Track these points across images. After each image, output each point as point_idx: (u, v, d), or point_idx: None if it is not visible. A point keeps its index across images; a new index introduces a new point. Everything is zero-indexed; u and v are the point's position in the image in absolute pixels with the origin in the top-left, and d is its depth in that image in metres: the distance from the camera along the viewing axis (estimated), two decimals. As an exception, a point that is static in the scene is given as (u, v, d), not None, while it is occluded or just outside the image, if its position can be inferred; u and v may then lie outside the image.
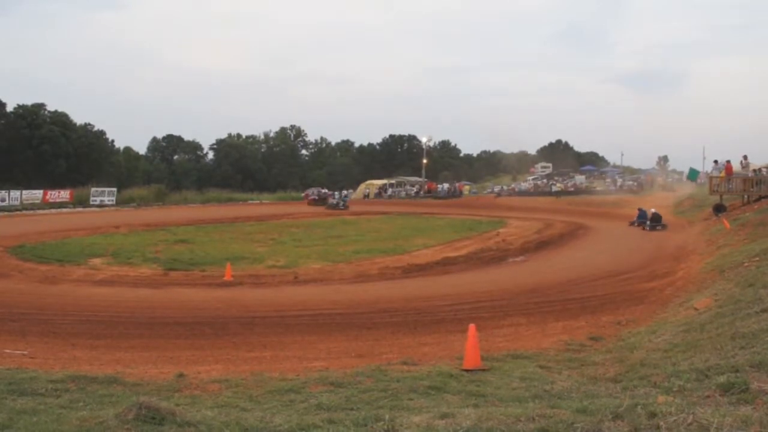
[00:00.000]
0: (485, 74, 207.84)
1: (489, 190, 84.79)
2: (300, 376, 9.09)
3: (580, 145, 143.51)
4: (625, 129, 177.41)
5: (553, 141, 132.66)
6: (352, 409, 7.03)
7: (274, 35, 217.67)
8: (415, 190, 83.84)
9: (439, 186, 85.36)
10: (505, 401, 7.44)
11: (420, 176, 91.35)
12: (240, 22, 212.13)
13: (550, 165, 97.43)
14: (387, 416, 6.47)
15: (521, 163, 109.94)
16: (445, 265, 25.79)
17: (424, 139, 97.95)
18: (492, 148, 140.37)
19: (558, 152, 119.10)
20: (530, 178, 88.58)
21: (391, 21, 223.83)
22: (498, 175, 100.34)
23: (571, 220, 42.11)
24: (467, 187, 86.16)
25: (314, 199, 69.58)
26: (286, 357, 11.46)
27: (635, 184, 69.60)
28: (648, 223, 38.75)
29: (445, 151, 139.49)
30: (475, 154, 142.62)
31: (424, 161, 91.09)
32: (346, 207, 58.82)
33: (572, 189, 71.24)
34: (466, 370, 9.30)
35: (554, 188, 72.06)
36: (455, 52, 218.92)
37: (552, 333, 13.22)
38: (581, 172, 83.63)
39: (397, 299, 18.65)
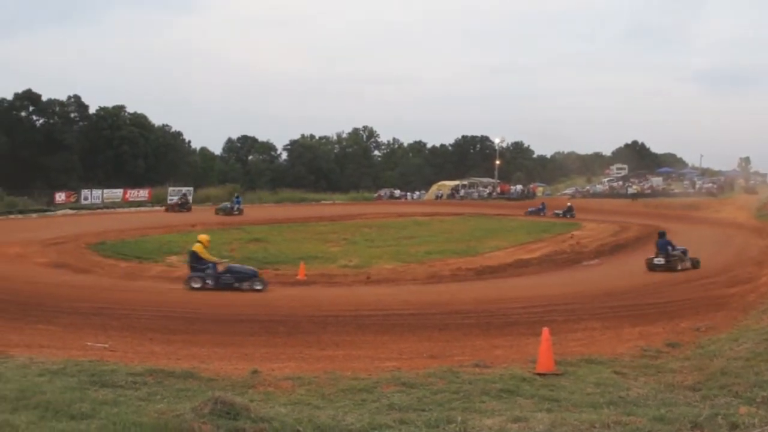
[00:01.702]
0: (557, 74, 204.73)
1: (563, 192, 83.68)
2: (372, 375, 9.11)
3: (658, 147, 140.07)
4: (704, 129, 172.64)
5: (629, 142, 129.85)
6: (423, 410, 7.02)
7: (347, 36, 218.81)
8: (487, 191, 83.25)
9: (512, 187, 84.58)
10: (579, 407, 7.33)
11: (493, 177, 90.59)
12: (310, 23, 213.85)
13: (625, 166, 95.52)
14: (459, 418, 6.46)
15: (596, 164, 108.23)
16: (518, 267, 25.60)
17: (496, 140, 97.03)
18: (560, 149, 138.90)
19: (634, 153, 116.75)
20: (605, 179, 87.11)
21: (462, 20, 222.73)
22: (572, 176, 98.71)
23: (648, 223, 41.18)
24: (540, 189, 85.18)
25: (177, 204, 57.37)
26: (359, 356, 11.50)
27: (715, 186, 67.73)
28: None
29: (518, 152, 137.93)
30: (548, 155, 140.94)
31: (497, 162, 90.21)
32: (240, 212, 51.33)
33: (649, 191, 69.71)
34: (539, 374, 9.18)
35: (630, 190, 70.66)
36: (527, 51, 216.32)
37: (628, 338, 12.95)
38: (658, 174, 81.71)
39: (469, 301, 18.58)
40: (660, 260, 24.82)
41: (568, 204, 55.11)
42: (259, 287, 20.69)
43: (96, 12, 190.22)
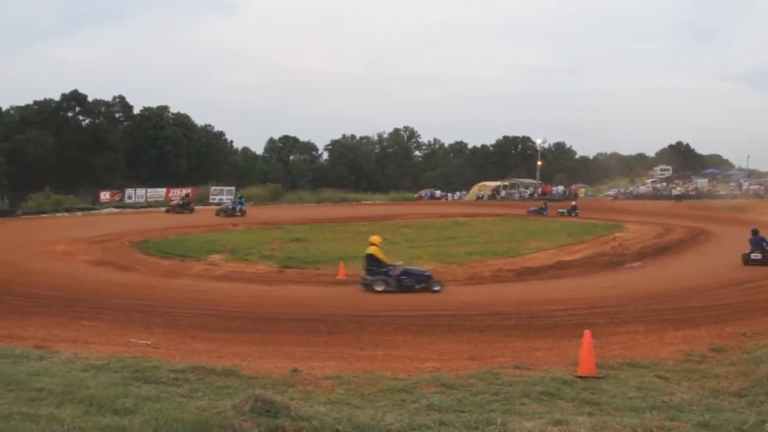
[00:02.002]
0: (600, 74, 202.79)
1: (605, 193, 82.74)
2: (411, 376, 9.11)
3: (703, 147, 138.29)
4: (751, 130, 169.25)
5: (673, 143, 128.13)
6: (463, 412, 7.00)
7: (386, 36, 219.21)
8: (528, 192, 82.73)
9: (553, 188, 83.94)
10: (621, 411, 7.24)
11: (534, 178, 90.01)
12: (350, 24, 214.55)
13: (669, 168, 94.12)
14: (499, 420, 6.43)
15: (639, 165, 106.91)
16: (559, 269, 25.39)
17: (538, 141, 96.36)
18: (603, 150, 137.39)
19: (678, 154, 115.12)
20: (649, 181, 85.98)
21: (503, 20, 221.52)
22: (615, 177, 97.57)
23: (693, 225, 40.54)
24: (582, 190, 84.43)
25: (178, 205, 53.48)
26: (398, 357, 11.50)
27: (762, 188, 66.49)
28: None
29: (560, 152, 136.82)
30: (590, 156, 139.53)
31: (539, 163, 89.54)
32: (243, 213, 48.74)
33: (693, 193, 68.68)
34: (580, 377, 9.09)
35: (674, 192, 69.68)
36: (570, 51, 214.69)
37: (671, 342, 12.76)
38: (703, 176, 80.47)
39: (509, 302, 18.48)
40: (757, 255, 25.69)
41: (573, 203, 58.77)
42: (437, 288, 20.78)
43: (140, 13, 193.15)
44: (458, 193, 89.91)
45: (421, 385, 8.41)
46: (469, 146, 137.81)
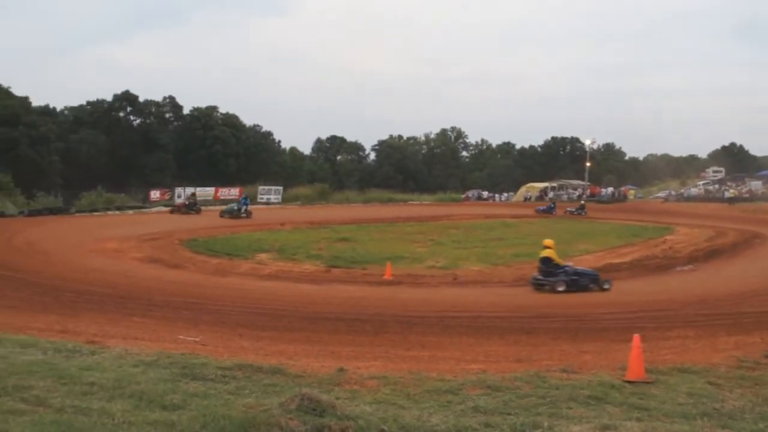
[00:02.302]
0: (650, 74, 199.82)
1: (656, 195, 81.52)
2: (457, 377, 9.07)
3: (757, 149, 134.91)
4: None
5: (726, 144, 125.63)
6: (509, 414, 6.94)
7: (433, 37, 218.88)
8: (577, 193, 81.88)
9: (602, 190, 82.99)
10: (671, 417, 7.13)
11: (582, 179, 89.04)
12: (398, 24, 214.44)
13: (722, 169, 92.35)
14: (545, 424, 6.37)
15: (691, 167, 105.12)
16: (608, 272, 25.01)
17: (587, 142, 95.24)
18: (653, 151, 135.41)
19: (731, 156, 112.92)
20: (700, 183, 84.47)
21: (550, 20, 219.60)
22: (665, 179, 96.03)
23: (746, 229, 39.61)
24: (632, 192, 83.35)
25: (184, 205, 51.10)
26: (444, 358, 11.47)
27: (818, 190, 64.92)
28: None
29: (609, 153, 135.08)
30: (640, 158, 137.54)
31: (587, 164, 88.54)
32: (249, 214, 46.39)
33: (747, 195, 67.24)
34: (629, 382, 8.96)
35: (727, 194, 68.24)
36: (620, 51, 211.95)
37: (723, 348, 12.51)
38: (758, 178, 78.56)
39: (557, 305, 18.33)
40: None
41: (581, 203, 62.51)
42: (607, 287, 21.51)
43: (190, 14, 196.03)
44: (505, 194, 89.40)
45: (467, 386, 8.36)
46: (517, 147, 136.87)
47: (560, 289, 20.93)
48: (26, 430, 4.94)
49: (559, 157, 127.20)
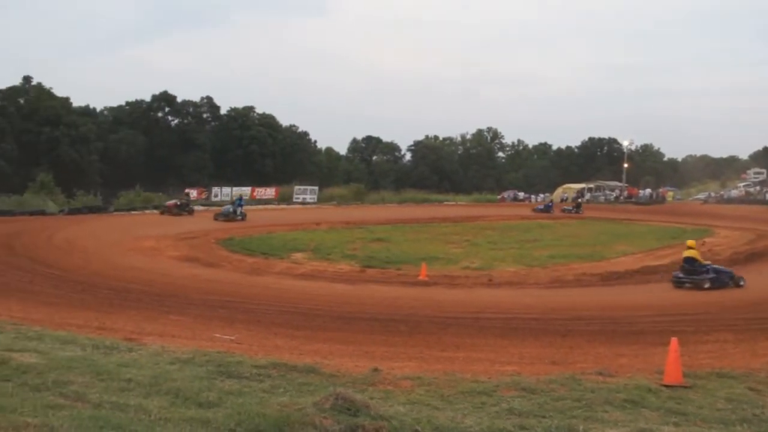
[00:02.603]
0: (690, 73, 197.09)
1: (695, 197, 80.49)
2: (492, 379, 9.03)
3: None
4: None
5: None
6: (544, 417, 6.88)
7: (472, 36, 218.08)
8: (614, 194, 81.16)
9: (640, 191, 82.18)
10: (709, 422, 7.02)
11: (620, 181, 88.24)
12: (435, 25, 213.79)
13: (764, 171, 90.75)
14: (581, 427, 6.32)
15: (731, 168, 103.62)
16: (645, 274, 24.80)
17: (625, 143, 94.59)
18: (692, 152, 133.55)
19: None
20: (741, 184, 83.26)
21: (590, 19, 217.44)
22: (705, 180, 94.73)
23: (788, 231, 38.97)
24: (671, 193, 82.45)
25: (175, 206, 47.03)
26: (479, 359, 11.43)
27: None
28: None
29: (647, 154, 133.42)
30: (679, 159, 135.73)
31: (625, 165, 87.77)
32: (243, 217, 43.26)
33: (789, 198, 66.13)
34: (666, 386, 8.84)
35: (768, 196, 67.26)
36: (658, 50, 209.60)
37: (763, 353, 12.32)
38: (801, 179, 77.35)
39: (593, 307, 18.17)
40: None
41: (578, 201, 66.78)
42: (742, 284, 22.34)
43: (227, 15, 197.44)
44: (542, 195, 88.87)
45: (501, 388, 8.31)
46: (554, 147, 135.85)
47: (706, 286, 21.75)
48: (66, 424, 5.01)
49: (597, 158, 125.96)
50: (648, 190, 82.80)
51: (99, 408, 5.94)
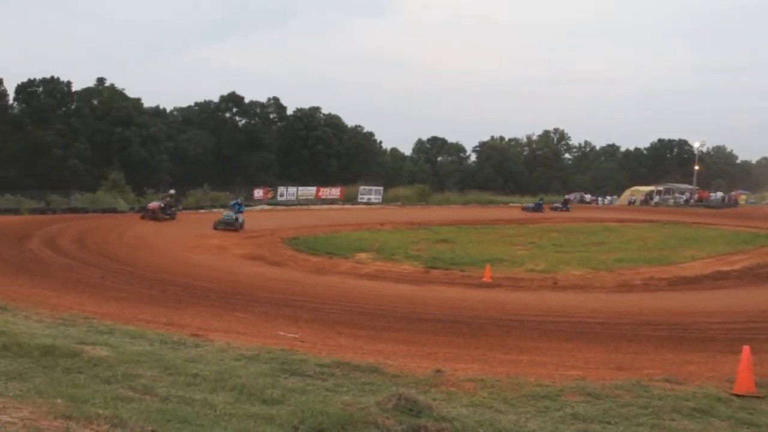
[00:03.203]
0: (763, 73, 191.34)
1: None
2: (556, 383, 8.91)
3: None
4: None
5: None
6: (609, 423, 6.77)
7: (538, 36, 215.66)
8: (684, 197, 79.45)
9: (711, 194, 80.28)
10: (783, 434, 6.81)
11: (690, 183, 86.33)
12: (500, 24, 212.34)
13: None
14: (647, 435, 6.19)
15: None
16: (715, 279, 24.18)
17: (696, 144, 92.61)
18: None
19: None
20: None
21: (659, 18, 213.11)
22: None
23: None
24: (743, 197, 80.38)
25: (159, 208, 41.77)
26: (543, 363, 11.28)
27: None
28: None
29: (720, 156, 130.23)
30: (753, 161, 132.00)
31: (696, 167, 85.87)
32: (241, 225, 36.75)
33: None
34: (737, 395, 8.59)
35: None
36: (732, 49, 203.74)
37: (841, 363, 11.88)
38: None
39: (661, 312, 17.79)
40: None
41: (566, 197, 72.95)
42: None
43: (293, 16, 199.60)
44: (609, 198, 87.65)
45: (565, 392, 8.20)
46: (622, 149, 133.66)
47: None
48: (134, 416, 5.11)
49: (666, 159, 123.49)
50: (719, 193, 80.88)
51: (166, 401, 6.06)
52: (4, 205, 44.21)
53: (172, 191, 47.43)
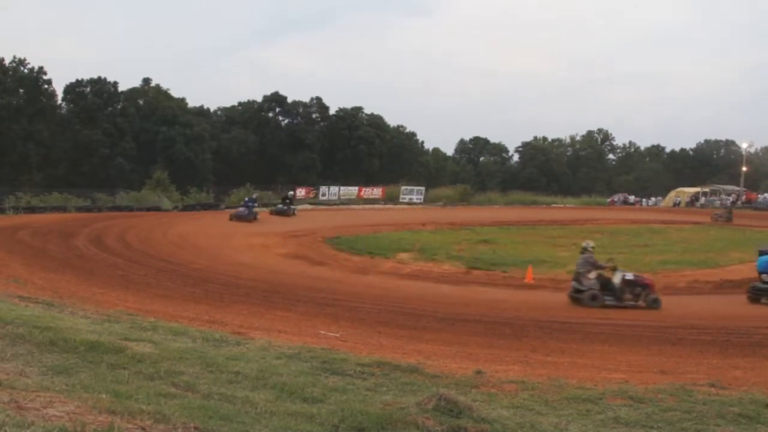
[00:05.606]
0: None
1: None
2: (598, 386, 8.81)
3: None
4: None
5: None
6: (652, 428, 6.68)
7: (581, 37, 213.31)
8: (731, 199, 78.04)
9: (759, 196, 78.74)
10: (831, 442, 6.66)
11: (737, 185, 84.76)
12: (542, 25, 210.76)
13: None
14: (691, 440, 6.10)
15: None
16: (763, 283, 23.70)
17: (743, 145, 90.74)
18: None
19: None
20: None
21: (699, 18, 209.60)
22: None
23: None
24: (793, 198, 78.66)
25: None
26: (584, 365, 11.18)
27: None
28: None
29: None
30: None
31: (744, 169, 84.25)
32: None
33: None
34: (785, 401, 8.43)
35: None
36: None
37: None
38: None
39: (706, 315, 17.54)
40: None
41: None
42: None
43: (336, 16, 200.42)
44: (653, 199, 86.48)
45: (607, 396, 8.10)
46: (667, 150, 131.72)
47: None
48: (177, 412, 5.17)
49: (712, 160, 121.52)
50: (767, 195, 79.26)
51: (208, 398, 6.12)
52: (53, 203, 45.34)
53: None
